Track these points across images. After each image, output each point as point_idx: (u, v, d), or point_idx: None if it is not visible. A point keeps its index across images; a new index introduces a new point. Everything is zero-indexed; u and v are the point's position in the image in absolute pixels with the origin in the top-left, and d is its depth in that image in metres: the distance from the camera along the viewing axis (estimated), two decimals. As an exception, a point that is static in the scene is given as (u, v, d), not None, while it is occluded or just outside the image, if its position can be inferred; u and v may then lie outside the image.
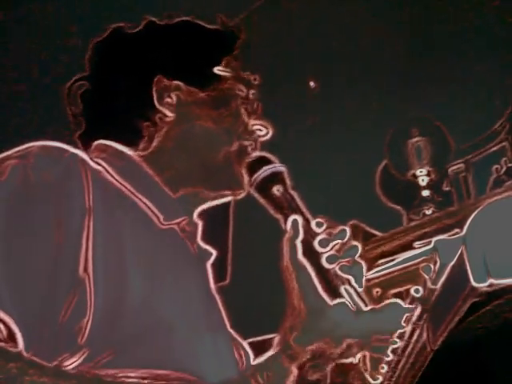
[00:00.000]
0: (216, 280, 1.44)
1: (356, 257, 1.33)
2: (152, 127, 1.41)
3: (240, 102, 1.47)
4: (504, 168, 2.05)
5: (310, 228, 1.33)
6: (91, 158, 1.33)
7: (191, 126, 1.43)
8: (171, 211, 1.37)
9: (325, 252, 1.31)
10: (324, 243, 1.31)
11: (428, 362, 1.40)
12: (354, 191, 2.37)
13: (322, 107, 2.59)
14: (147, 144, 1.41)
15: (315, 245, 1.31)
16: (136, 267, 1.24)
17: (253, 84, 1.49)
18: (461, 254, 1.34)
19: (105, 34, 1.47)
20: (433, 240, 1.47)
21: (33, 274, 1.17)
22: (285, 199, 1.36)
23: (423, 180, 2.29)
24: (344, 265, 1.32)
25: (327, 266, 1.30)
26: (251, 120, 1.47)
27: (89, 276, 1.19)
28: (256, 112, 1.48)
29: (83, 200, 1.22)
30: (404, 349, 1.43)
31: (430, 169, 2.29)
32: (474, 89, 2.35)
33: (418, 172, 2.30)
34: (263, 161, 1.40)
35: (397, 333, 1.38)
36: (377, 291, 2.06)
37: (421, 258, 1.90)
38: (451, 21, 2.49)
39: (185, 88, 1.43)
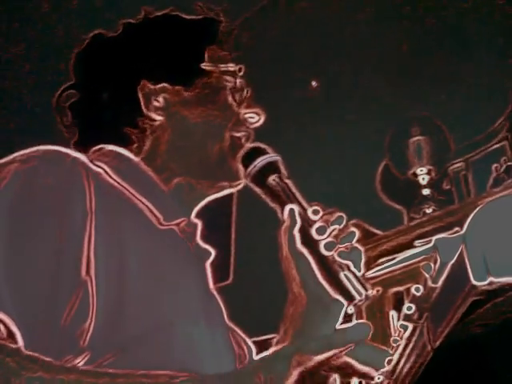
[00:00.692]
0: (219, 279, 1.45)
1: (354, 242, 1.33)
2: (141, 133, 1.41)
3: (228, 93, 1.46)
4: (504, 167, 2.05)
5: (307, 216, 1.31)
6: (92, 161, 1.34)
7: (181, 127, 1.43)
8: (171, 212, 1.37)
9: (322, 239, 1.30)
10: (321, 230, 1.30)
11: (428, 361, 1.40)
12: (355, 190, 2.37)
13: (322, 106, 2.59)
14: (138, 149, 1.41)
15: (313, 232, 1.30)
16: (137, 268, 1.25)
17: (238, 73, 1.48)
18: (461, 253, 1.34)
19: (85, 42, 1.47)
20: (433, 238, 1.47)
21: (34, 276, 1.18)
22: (281, 188, 1.35)
23: (423, 179, 2.29)
24: (342, 251, 1.31)
25: (326, 253, 1.29)
26: (242, 109, 1.46)
27: (91, 278, 1.20)
28: (246, 100, 1.48)
29: (84, 203, 1.23)
30: (404, 348, 1.43)
31: (431, 167, 2.29)
32: (474, 87, 2.35)
33: (419, 171, 2.30)
34: (257, 151, 1.39)
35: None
36: (377, 290, 2.06)
37: (421, 257, 1.91)
38: (451, 19, 2.49)
39: (170, 88, 1.43)
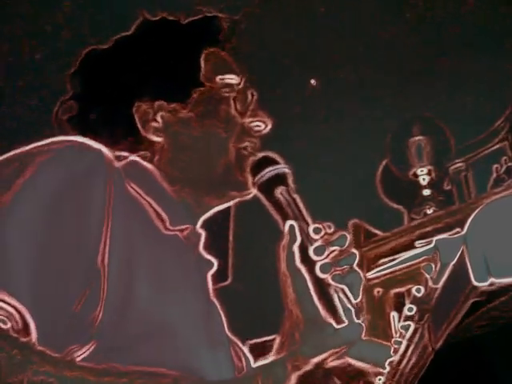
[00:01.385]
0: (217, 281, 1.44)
1: (353, 265, 1.32)
2: (144, 156, 1.40)
3: (230, 103, 1.43)
4: (504, 167, 2.04)
5: (309, 233, 1.31)
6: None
7: (183, 147, 1.41)
8: (177, 217, 1.37)
9: (319, 260, 1.28)
10: (319, 251, 1.29)
11: (429, 362, 1.40)
12: (355, 190, 2.36)
13: (323, 106, 2.58)
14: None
15: (311, 252, 1.29)
16: (143, 268, 1.25)
17: (238, 81, 1.45)
18: (461, 253, 1.34)
19: (79, 58, 1.46)
20: (434, 239, 1.47)
21: (53, 266, 1.18)
22: (287, 202, 1.34)
23: (424, 179, 2.28)
24: (337, 274, 1.29)
25: (320, 275, 1.28)
26: (246, 118, 1.44)
27: (104, 269, 1.20)
28: (250, 108, 1.45)
29: (105, 195, 1.24)
30: (406, 349, 1.43)
31: (431, 168, 2.28)
32: (475, 88, 2.35)
33: (419, 171, 2.29)
34: (267, 161, 1.38)
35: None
36: (378, 291, 2.05)
37: (422, 258, 1.90)
38: (452, 19, 2.48)
39: (168, 107, 1.41)
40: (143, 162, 1.40)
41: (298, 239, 1.30)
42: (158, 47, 1.44)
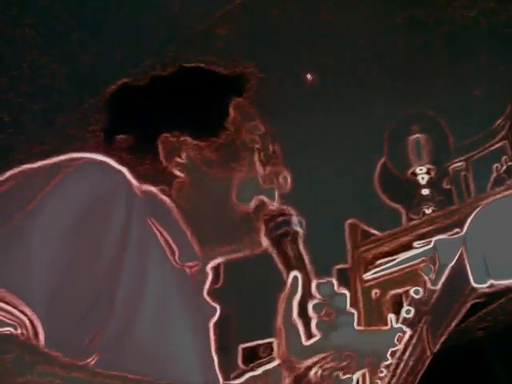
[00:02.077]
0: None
1: (351, 324, 1.32)
2: (164, 189, 1.41)
3: (252, 152, 1.45)
4: (504, 166, 2.04)
5: (310, 289, 1.32)
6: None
7: (204, 186, 1.42)
8: (187, 253, 1.38)
9: (316, 317, 1.29)
10: (318, 308, 1.30)
11: (427, 365, 1.39)
12: (352, 189, 2.35)
13: (320, 103, 2.58)
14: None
15: (309, 307, 1.30)
16: (151, 292, 1.26)
17: (263, 132, 1.47)
18: (461, 254, 1.33)
19: (113, 89, 1.48)
20: (433, 240, 1.46)
21: (69, 281, 1.18)
22: (294, 256, 1.35)
23: (423, 178, 2.26)
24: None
25: (315, 332, 1.28)
26: (267, 169, 1.45)
27: (114, 291, 1.21)
28: (272, 160, 1.46)
29: (124, 218, 1.25)
30: (403, 351, 1.42)
31: (430, 167, 2.27)
32: (475, 86, 2.34)
33: (418, 170, 2.28)
34: (281, 212, 1.39)
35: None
36: (375, 292, 2.04)
37: (420, 258, 1.89)
38: (452, 17, 2.48)
39: (193, 144, 1.42)
40: (160, 194, 1.41)
41: (299, 292, 1.31)
42: (191, 90, 1.47)
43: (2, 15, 2.36)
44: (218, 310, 1.43)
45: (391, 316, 1.97)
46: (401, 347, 1.42)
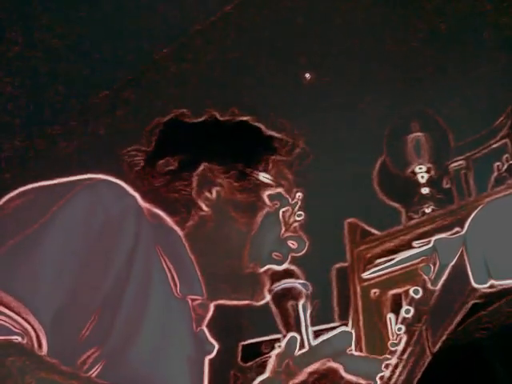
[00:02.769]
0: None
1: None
2: (186, 214, 1.45)
3: (278, 213, 1.49)
4: (505, 165, 2.03)
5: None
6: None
7: (224, 228, 1.46)
8: (189, 284, 1.40)
9: None
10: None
11: (427, 366, 1.39)
12: (351, 188, 2.34)
13: (319, 102, 2.57)
14: (182, 221, 1.45)
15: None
16: (151, 318, 1.28)
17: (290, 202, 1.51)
18: (461, 254, 1.33)
19: (168, 117, 1.55)
20: (432, 239, 1.45)
21: (74, 295, 1.20)
22: (295, 317, 1.38)
23: (423, 177, 2.25)
24: None
25: None
26: (287, 231, 1.49)
27: (116, 307, 1.24)
28: (294, 224, 1.50)
29: (132, 243, 1.27)
30: (402, 352, 1.41)
31: (430, 165, 2.26)
32: (476, 84, 2.33)
33: (418, 169, 2.27)
34: (288, 272, 1.44)
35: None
36: (374, 292, 2.04)
37: (420, 258, 1.90)
38: (453, 15, 2.48)
39: (226, 185, 1.46)
40: (170, 222, 1.44)
41: (295, 353, 1.34)
42: (236, 136, 1.54)
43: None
44: (216, 348, 1.45)
45: (390, 316, 1.97)
46: (400, 347, 1.41)
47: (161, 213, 1.43)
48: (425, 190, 2.23)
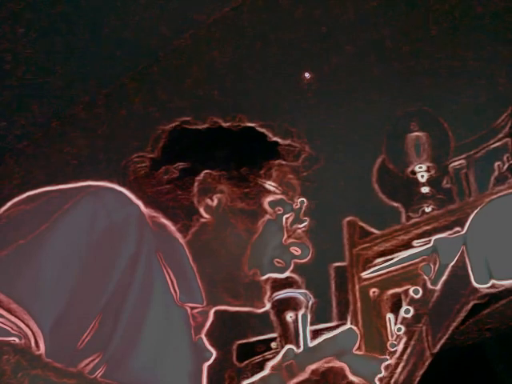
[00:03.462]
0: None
1: None
2: (188, 221, 1.45)
3: (281, 220, 1.48)
4: (506, 165, 2.03)
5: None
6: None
7: (224, 235, 1.45)
8: (189, 292, 1.40)
9: None
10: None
11: (427, 366, 1.38)
12: (351, 187, 2.34)
13: (319, 102, 2.58)
14: (184, 228, 1.45)
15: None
16: (151, 325, 1.28)
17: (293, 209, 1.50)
18: (461, 254, 1.32)
19: (173, 125, 1.55)
20: (432, 239, 1.44)
21: (77, 302, 1.21)
22: (293, 328, 1.37)
23: (422, 176, 2.25)
24: None
25: None
26: (290, 238, 1.48)
27: (117, 314, 1.24)
28: (297, 231, 1.50)
29: (134, 248, 1.27)
30: (402, 353, 1.41)
31: (430, 165, 2.25)
32: (476, 83, 2.33)
33: (417, 168, 2.26)
34: (288, 282, 1.43)
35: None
36: (373, 291, 2.04)
37: (420, 258, 1.89)
38: (453, 14, 2.48)
39: (228, 192, 1.46)
40: (173, 229, 1.44)
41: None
42: (239, 141, 1.54)
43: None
44: (214, 355, 1.45)
45: (390, 316, 1.96)
46: (400, 348, 1.41)
47: (164, 220, 1.43)
48: (425, 190, 2.22)
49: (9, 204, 1.29)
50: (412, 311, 1.41)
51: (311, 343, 1.35)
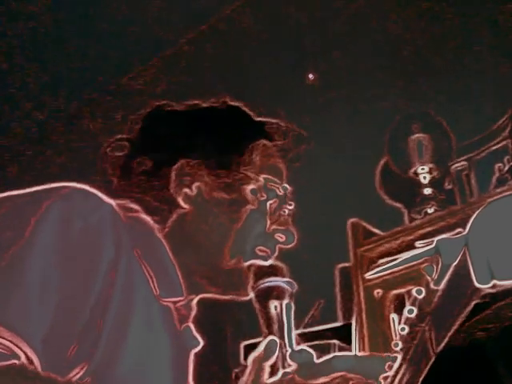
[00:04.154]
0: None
1: None
2: (167, 213, 1.39)
3: (265, 207, 1.42)
4: (507, 166, 2.03)
5: (285, 356, 1.30)
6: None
7: (205, 224, 1.40)
8: (169, 287, 1.36)
9: None
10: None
11: (430, 367, 1.39)
12: (355, 189, 2.35)
13: (322, 102, 2.58)
14: (162, 220, 1.39)
15: (279, 374, 1.28)
16: (135, 326, 1.26)
17: (280, 187, 1.44)
18: (463, 254, 1.33)
19: (149, 110, 1.48)
20: (435, 239, 1.45)
21: (63, 313, 1.18)
22: (277, 318, 1.33)
23: (425, 178, 2.26)
24: None
25: None
26: (275, 224, 1.42)
27: (101, 319, 1.21)
28: (282, 218, 1.43)
29: (113, 251, 1.24)
30: (405, 352, 1.41)
31: (432, 166, 2.26)
32: (477, 85, 2.33)
33: (420, 169, 2.27)
34: (272, 270, 1.37)
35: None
36: (377, 292, 2.04)
37: (423, 258, 1.89)
38: (454, 16, 2.48)
39: (206, 178, 1.41)
40: (150, 223, 1.38)
41: (274, 357, 1.29)
42: (221, 124, 1.46)
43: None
44: (201, 342, 1.41)
45: (393, 316, 1.97)
46: (404, 347, 1.41)
47: (140, 214, 1.37)
48: (427, 191, 2.23)
49: None
50: (415, 311, 1.41)
51: (319, 360, 1.30)
